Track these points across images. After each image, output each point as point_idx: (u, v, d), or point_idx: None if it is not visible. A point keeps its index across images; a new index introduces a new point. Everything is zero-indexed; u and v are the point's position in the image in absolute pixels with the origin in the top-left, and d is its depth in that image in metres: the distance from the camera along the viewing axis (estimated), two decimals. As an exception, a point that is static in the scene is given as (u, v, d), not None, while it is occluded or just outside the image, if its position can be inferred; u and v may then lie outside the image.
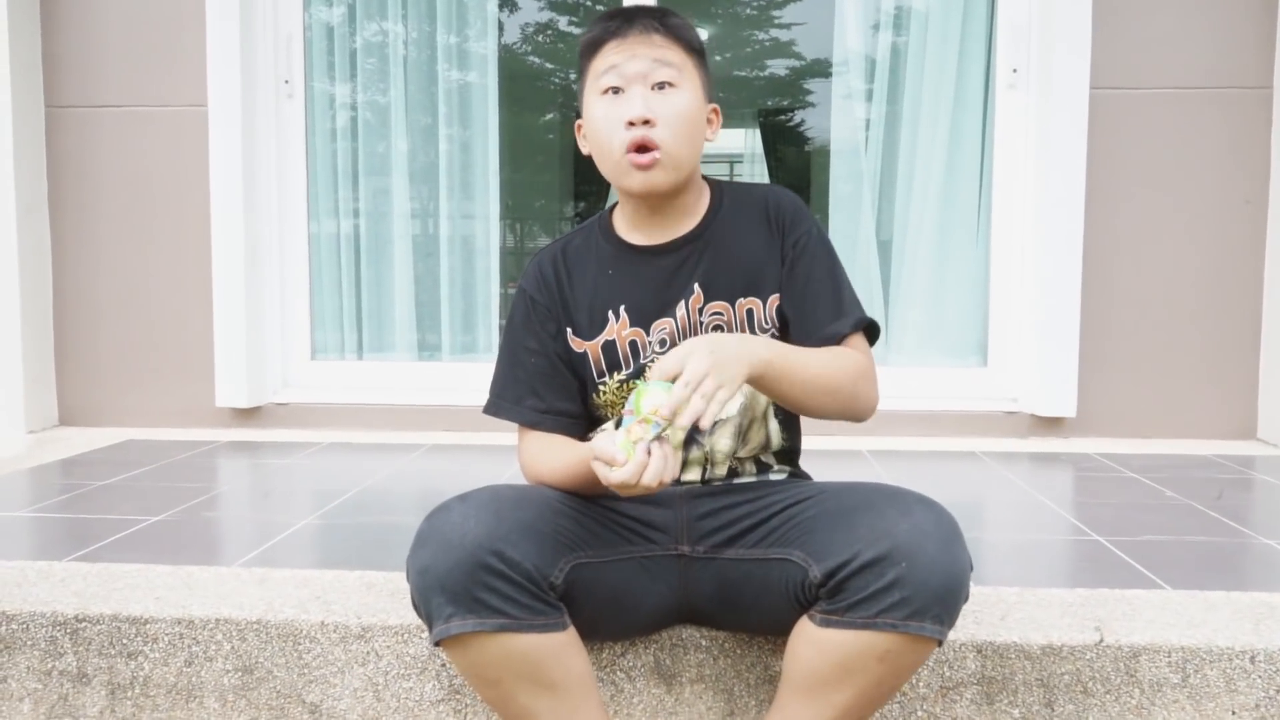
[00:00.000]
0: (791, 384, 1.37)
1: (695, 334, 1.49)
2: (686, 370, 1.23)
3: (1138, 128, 3.14)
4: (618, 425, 1.36)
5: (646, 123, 1.41)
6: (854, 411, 1.46)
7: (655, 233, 1.52)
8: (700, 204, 1.54)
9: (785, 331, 1.52)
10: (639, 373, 1.50)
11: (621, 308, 1.51)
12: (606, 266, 1.53)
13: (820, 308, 1.49)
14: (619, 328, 1.51)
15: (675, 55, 1.45)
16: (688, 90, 1.46)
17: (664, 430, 1.24)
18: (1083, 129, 3.10)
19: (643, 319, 1.50)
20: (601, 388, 1.52)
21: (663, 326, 1.50)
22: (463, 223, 3.61)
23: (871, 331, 1.53)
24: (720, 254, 1.51)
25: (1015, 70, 3.24)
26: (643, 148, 1.42)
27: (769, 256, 1.51)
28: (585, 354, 1.52)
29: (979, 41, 3.34)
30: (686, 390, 1.22)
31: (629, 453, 1.24)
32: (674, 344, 1.49)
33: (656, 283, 1.51)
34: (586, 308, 1.52)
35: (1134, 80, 3.13)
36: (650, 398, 1.26)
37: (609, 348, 1.51)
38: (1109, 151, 3.14)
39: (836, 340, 1.48)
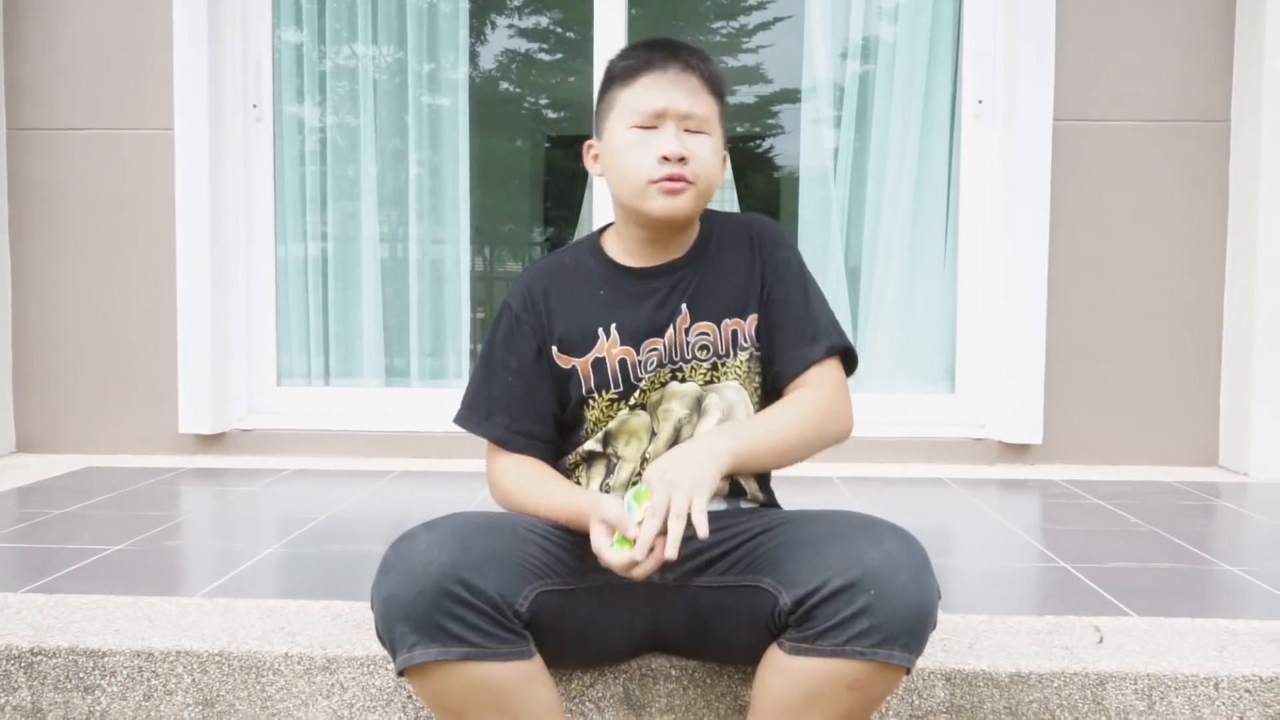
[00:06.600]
0: (764, 457, 1.42)
1: (682, 354, 1.52)
2: (649, 521, 1.25)
3: (1100, 159, 3.19)
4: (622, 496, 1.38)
5: (681, 160, 1.44)
6: (825, 447, 1.51)
7: (649, 256, 1.55)
8: (692, 232, 1.57)
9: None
10: (629, 392, 1.51)
11: (613, 326, 1.52)
12: (597, 286, 1.55)
13: (794, 332, 1.53)
14: (609, 346, 1.52)
15: (706, 101, 1.48)
16: (714, 137, 1.50)
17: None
18: (1047, 159, 3.15)
19: (633, 338, 1.51)
20: (592, 402, 1.53)
21: (653, 346, 1.51)
22: (432, 247, 3.60)
23: (849, 359, 1.56)
24: (708, 278, 1.54)
25: (980, 101, 3.29)
26: (674, 179, 1.44)
27: (751, 280, 1.55)
28: (574, 370, 1.52)
29: (945, 72, 3.39)
30: (657, 523, 1.24)
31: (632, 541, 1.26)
32: (661, 364, 1.50)
33: (648, 304, 1.52)
34: (575, 324, 1.53)
35: (1097, 113, 3.18)
36: (640, 510, 1.28)
37: (599, 365, 1.52)
38: (1073, 182, 3.19)
39: (808, 365, 1.51)
